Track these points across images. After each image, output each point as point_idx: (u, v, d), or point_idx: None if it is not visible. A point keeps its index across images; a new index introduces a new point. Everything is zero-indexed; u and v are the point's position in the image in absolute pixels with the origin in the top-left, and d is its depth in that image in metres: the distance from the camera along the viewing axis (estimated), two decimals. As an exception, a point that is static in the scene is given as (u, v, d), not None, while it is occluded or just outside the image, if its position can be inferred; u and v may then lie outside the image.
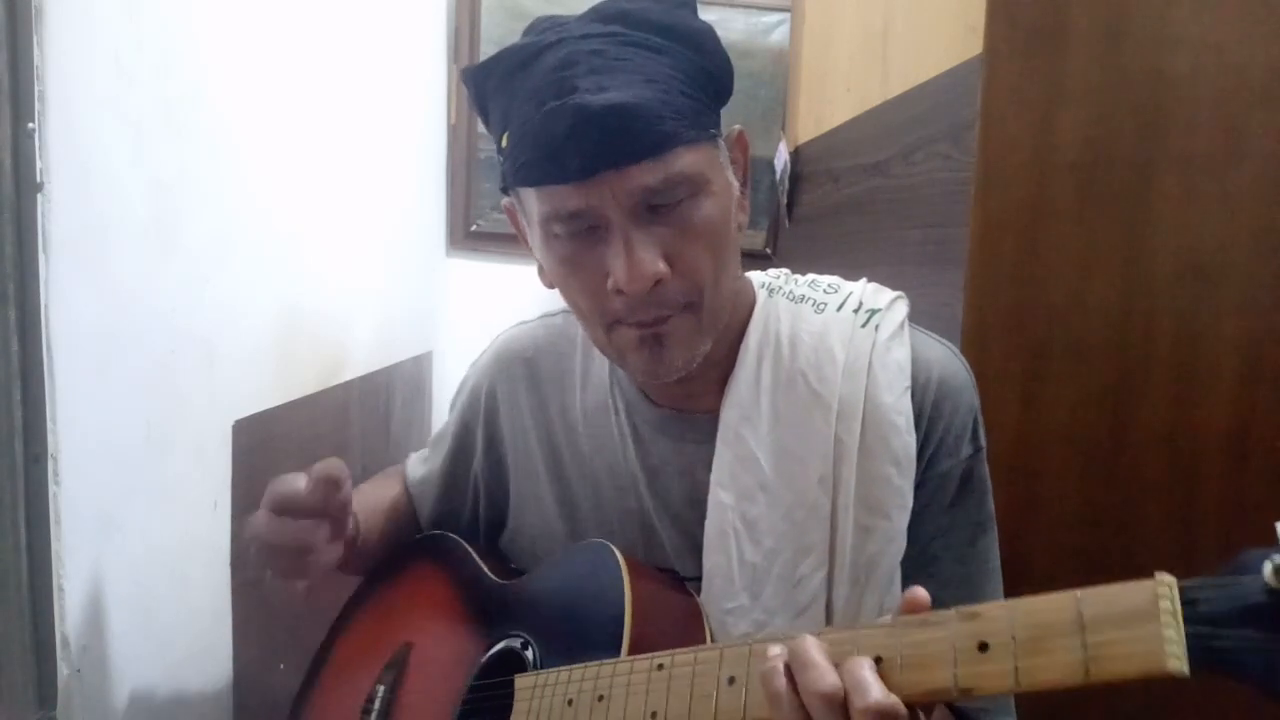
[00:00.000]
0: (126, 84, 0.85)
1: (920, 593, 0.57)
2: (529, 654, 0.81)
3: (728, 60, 0.78)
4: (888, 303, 0.85)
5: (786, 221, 2.20)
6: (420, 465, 1.05)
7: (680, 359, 0.76)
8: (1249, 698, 0.46)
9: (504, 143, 0.75)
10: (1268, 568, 0.44)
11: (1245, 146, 1.12)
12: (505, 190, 0.81)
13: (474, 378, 0.99)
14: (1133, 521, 1.16)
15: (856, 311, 0.84)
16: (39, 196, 0.72)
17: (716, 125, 0.77)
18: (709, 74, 0.75)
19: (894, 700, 0.53)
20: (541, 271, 0.84)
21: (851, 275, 0.92)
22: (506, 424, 0.95)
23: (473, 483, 0.99)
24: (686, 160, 0.71)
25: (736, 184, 0.79)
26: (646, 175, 0.70)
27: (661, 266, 0.72)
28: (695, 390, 0.84)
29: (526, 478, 0.94)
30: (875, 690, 0.53)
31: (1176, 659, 0.45)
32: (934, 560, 0.82)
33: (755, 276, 0.89)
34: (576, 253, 0.74)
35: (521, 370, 0.94)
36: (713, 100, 0.76)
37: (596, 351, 0.91)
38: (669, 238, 0.72)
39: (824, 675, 0.54)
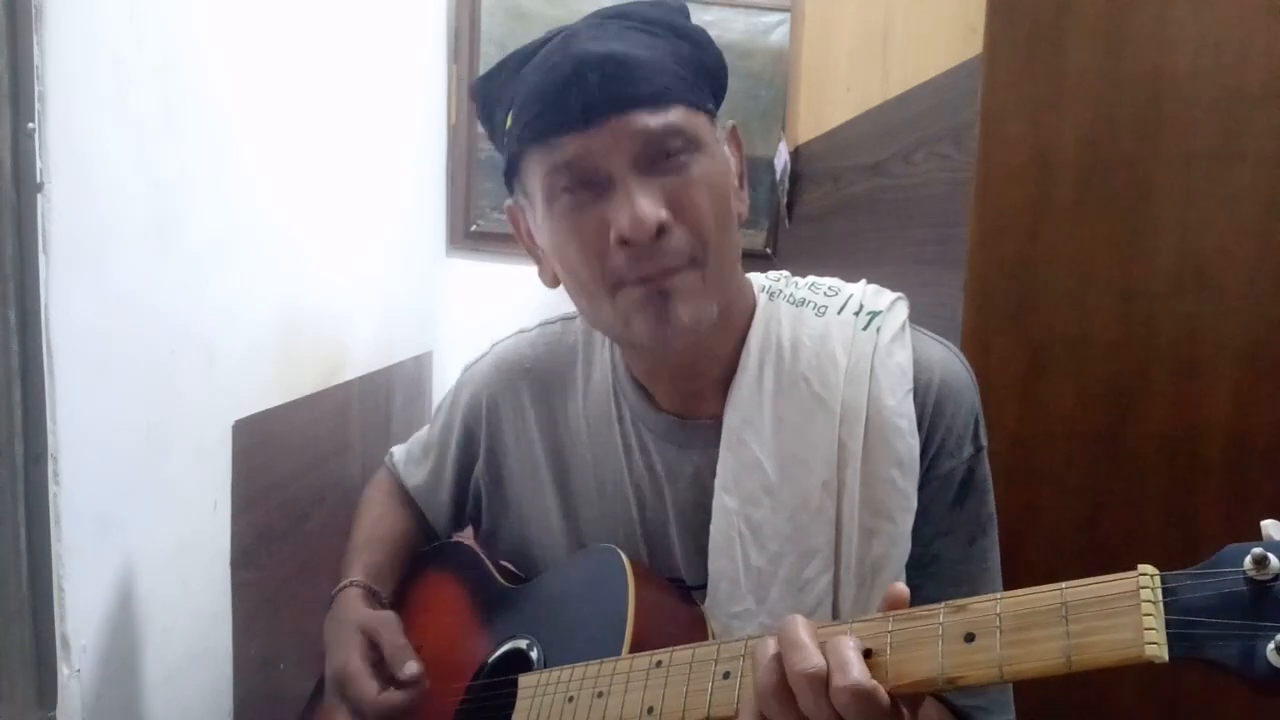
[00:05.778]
0: (126, 84, 0.85)
1: (900, 588, 0.58)
2: (534, 654, 0.81)
3: (723, 59, 0.81)
4: (888, 305, 0.85)
5: (786, 221, 2.20)
6: (416, 469, 1.04)
7: (687, 316, 0.74)
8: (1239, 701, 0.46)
9: (509, 124, 0.77)
10: (1248, 559, 0.46)
11: (1245, 146, 1.12)
12: (509, 185, 0.83)
13: (472, 385, 0.98)
14: (1133, 521, 1.16)
15: (857, 314, 0.84)
16: (39, 196, 0.72)
17: (713, 111, 0.79)
18: (706, 66, 0.79)
19: (874, 682, 0.54)
20: (542, 269, 0.84)
21: (852, 275, 0.92)
22: (510, 435, 0.94)
23: (473, 489, 0.99)
24: (686, 118, 0.74)
25: (734, 166, 0.81)
26: (648, 119, 0.72)
27: (664, 214, 0.72)
28: (698, 394, 0.84)
29: (532, 489, 0.93)
30: (856, 670, 0.54)
31: (1155, 646, 0.47)
32: (934, 560, 0.82)
33: (755, 279, 0.89)
34: (578, 213, 0.74)
35: (525, 381, 0.94)
36: (708, 89, 0.79)
37: (597, 359, 0.91)
38: (671, 187, 0.73)
39: (809, 656, 0.55)
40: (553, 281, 0.83)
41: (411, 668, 0.81)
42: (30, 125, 0.71)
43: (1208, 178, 1.12)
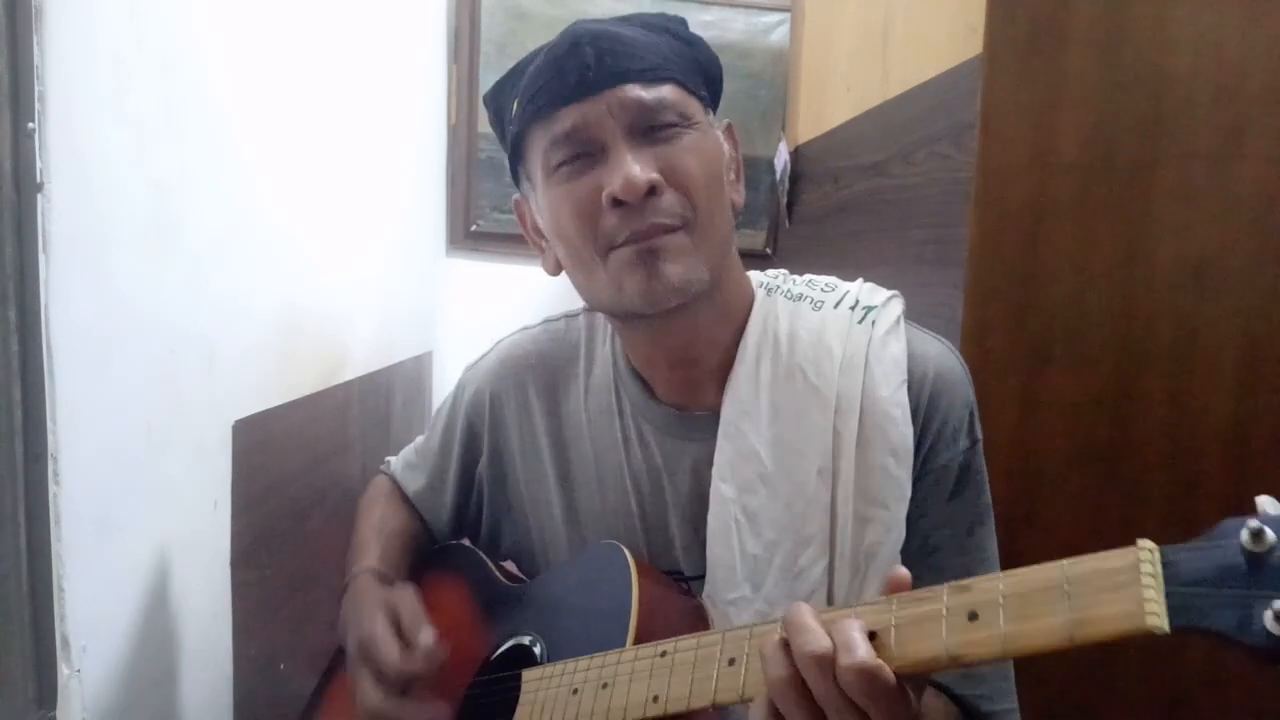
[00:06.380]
0: (126, 84, 0.85)
1: (902, 572, 0.60)
2: (537, 649, 0.82)
3: (719, 63, 0.85)
4: (883, 300, 0.87)
5: (786, 221, 2.20)
6: (415, 475, 1.04)
7: (676, 275, 0.76)
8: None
9: (515, 109, 0.81)
10: (1244, 532, 0.47)
11: (1245, 146, 1.12)
12: (515, 175, 0.86)
13: (475, 382, 0.99)
14: (1133, 521, 1.16)
15: (853, 309, 0.86)
16: (39, 196, 0.72)
17: (708, 102, 0.83)
18: (700, 63, 0.83)
19: (879, 661, 0.55)
20: (545, 257, 0.86)
21: (852, 276, 0.92)
22: (514, 430, 0.95)
23: (476, 485, 1.00)
24: (678, 96, 0.78)
25: (729, 159, 0.84)
26: (641, 92, 0.76)
27: (655, 174, 0.75)
28: (696, 385, 0.86)
29: (535, 482, 0.94)
30: (862, 650, 0.55)
31: (1156, 617, 0.48)
32: (933, 551, 0.83)
33: (754, 276, 0.91)
34: (574, 181, 0.78)
35: (529, 376, 0.95)
36: (702, 81, 0.82)
37: (599, 354, 0.92)
38: (663, 155, 0.77)
39: (817, 638, 0.56)
40: (554, 268, 0.85)
41: (427, 635, 0.80)
42: (30, 125, 0.71)
43: (1208, 177, 1.12)
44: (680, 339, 0.83)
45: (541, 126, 0.78)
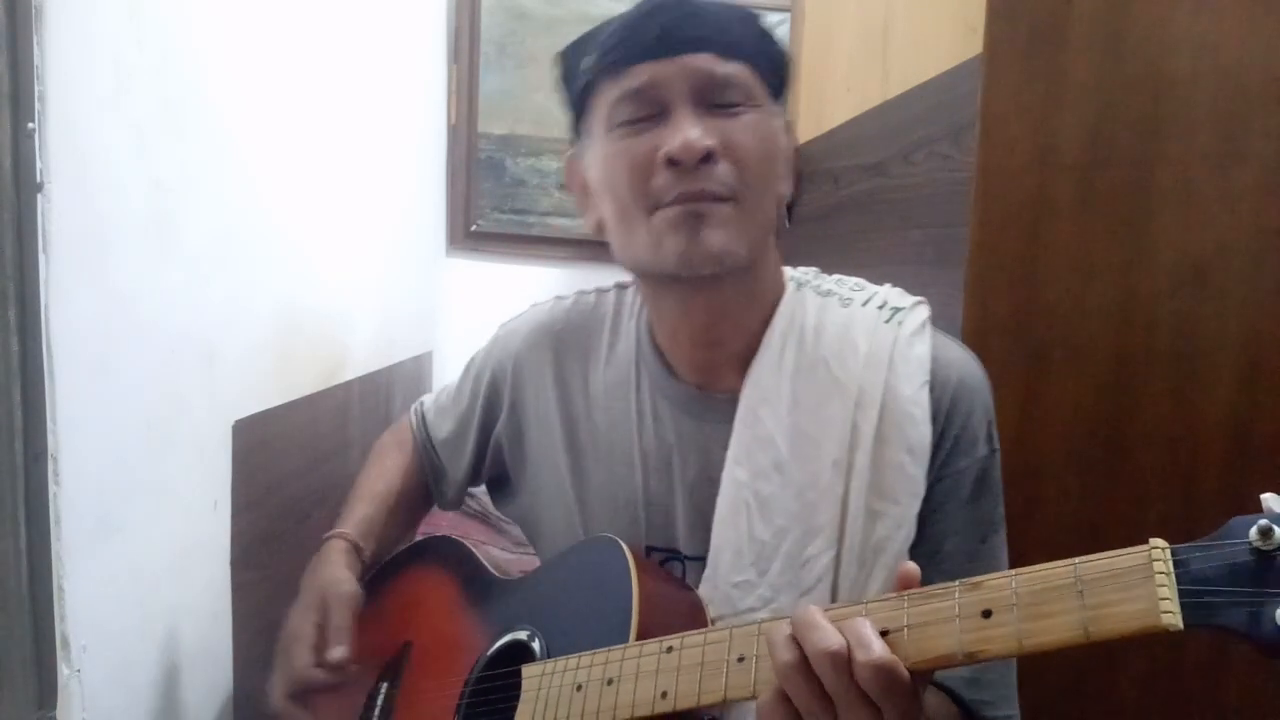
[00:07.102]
0: (126, 84, 0.85)
1: (911, 567, 0.60)
2: (536, 645, 0.81)
3: (787, 59, 0.86)
4: (911, 304, 0.88)
5: (786, 221, 2.19)
6: (444, 419, 1.06)
7: (716, 242, 0.77)
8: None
9: (586, 63, 0.82)
10: (1253, 531, 0.49)
11: (1245, 147, 1.12)
12: (576, 129, 0.87)
13: (504, 344, 1.01)
14: (1133, 521, 1.16)
15: (881, 308, 0.87)
16: (39, 196, 0.72)
17: (775, 91, 0.84)
18: (771, 55, 0.83)
19: (895, 658, 0.56)
20: (588, 215, 0.87)
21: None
22: (531, 393, 0.97)
23: (494, 445, 1.02)
24: (749, 77, 0.80)
25: (785, 147, 0.85)
26: (714, 64, 0.78)
27: (712, 142, 0.76)
28: (718, 367, 0.87)
29: (545, 445, 0.96)
30: (877, 647, 0.56)
31: (1171, 615, 0.49)
32: (946, 557, 0.83)
33: (786, 271, 0.92)
34: (633, 137, 0.79)
35: (548, 341, 0.97)
36: (771, 70, 0.83)
37: (624, 330, 0.94)
38: (724, 128, 0.78)
39: (829, 635, 0.57)
40: (596, 228, 0.86)
41: (338, 652, 0.86)
42: (30, 125, 0.71)
43: (1208, 178, 1.12)
44: (708, 315, 0.85)
45: (611, 80, 0.80)
